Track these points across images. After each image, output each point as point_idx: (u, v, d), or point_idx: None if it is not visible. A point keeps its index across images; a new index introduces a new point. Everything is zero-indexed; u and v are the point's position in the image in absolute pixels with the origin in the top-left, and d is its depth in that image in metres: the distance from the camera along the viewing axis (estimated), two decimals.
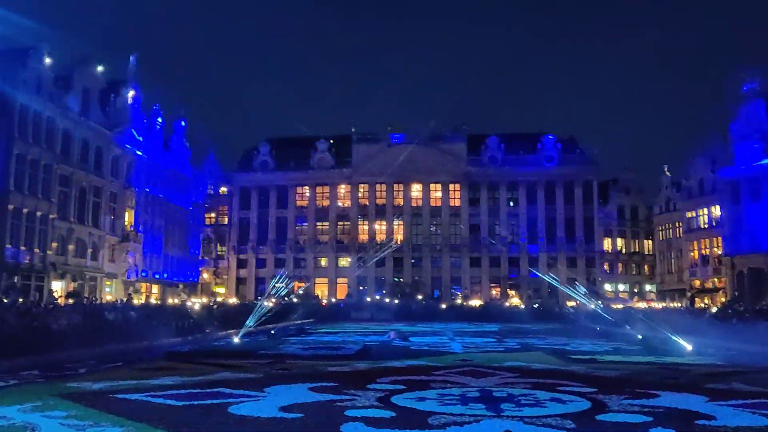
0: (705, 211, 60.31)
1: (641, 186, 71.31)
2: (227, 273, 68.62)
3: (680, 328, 20.07)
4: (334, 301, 58.29)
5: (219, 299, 52.12)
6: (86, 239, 46.23)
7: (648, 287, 69.22)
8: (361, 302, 54.98)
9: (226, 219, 70.92)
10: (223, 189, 72.55)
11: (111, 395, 9.94)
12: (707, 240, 60.03)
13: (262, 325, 26.44)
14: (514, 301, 56.57)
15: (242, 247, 67.77)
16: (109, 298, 42.88)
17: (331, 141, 68.66)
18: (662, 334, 20.23)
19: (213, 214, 72.39)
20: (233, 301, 50.18)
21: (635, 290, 68.69)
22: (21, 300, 28.23)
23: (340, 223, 67.73)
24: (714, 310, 34.89)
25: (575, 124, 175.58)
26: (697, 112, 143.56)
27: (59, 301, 33.82)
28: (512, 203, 66.39)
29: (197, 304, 34.97)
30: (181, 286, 59.66)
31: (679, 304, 49.15)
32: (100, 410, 8.59)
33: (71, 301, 34.71)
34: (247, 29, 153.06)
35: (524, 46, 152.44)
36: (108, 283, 49.05)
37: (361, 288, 64.06)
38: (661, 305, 49.29)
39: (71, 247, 44.40)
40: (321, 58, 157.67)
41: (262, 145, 69.82)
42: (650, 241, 69.96)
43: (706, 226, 60.20)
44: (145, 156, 54.35)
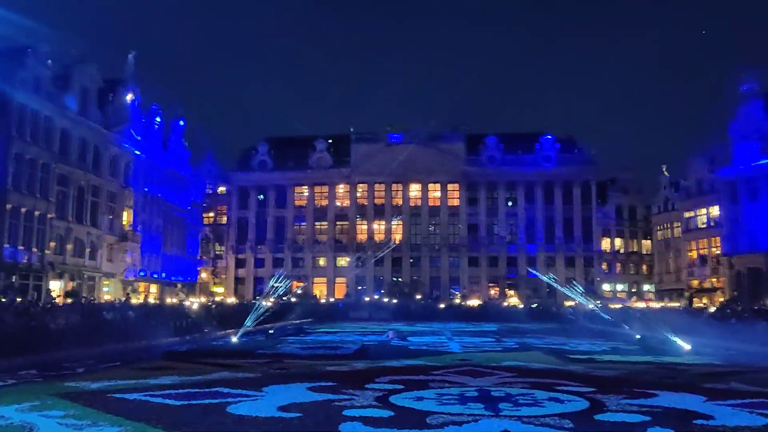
0: (703, 211, 60.41)
1: (640, 186, 71.51)
2: (225, 272, 68.60)
3: (678, 328, 20.04)
4: (333, 300, 58.29)
5: (217, 299, 52.14)
6: (84, 239, 46.19)
7: (646, 287, 69.31)
8: (360, 302, 54.95)
9: (225, 218, 70.94)
10: (222, 188, 72.61)
11: (109, 395, 9.92)
12: (705, 240, 60.14)
13: (261, 325, 26.39)
14: (513, 300, 56.57)
15: (240, 247, 67.76)
16: (107, 298, 42.88)
17: (330, 141, 68.66)
18: (660, 333, 20.20)
19: (211, 214, 72.41)
20: (231, 300, 50.18)
21: (633, 290, 68.77)
22: (19, 299, 28.19)
23: (338, 222, 67.73)
24: (712, 309, 34.90)
25: (574, 123, 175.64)
26: (696, 112, 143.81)
27: (57, 301, 33.80)
28: (511, 203, 66.44)
29: (195, 303, 34.93)
30: (180, 285, 59.64)
31: (678, 304, 49.18)
32: (98, 410, 8.57)
33: (69, 300, 34.73)
34: (246, 29, 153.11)
35: (524, 46, 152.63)
36: (106, 283, 49.00)
37: (360, 288, 64.07)
38: (659, 305, 49.25)
39: (69, 247, 44.36)
40: (320, 57, 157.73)
41: (260, 144, 69.82)
42: (648, 241, 70.04)
43: (704, 226, 60.30)
44: (144, 155, 54.31)
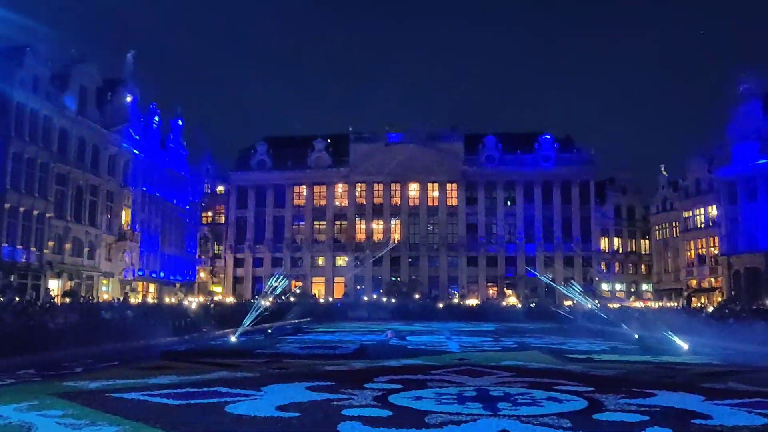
0: (702, 210, 60.47)
1: (638, 186, 71.54)
2: (224, 272, 68.54)
3: (677, 328, 20.07)
4: (332, 300, 58.35)
5: (216, 298, 52.16)
6: (83, 238, 46.14)
7: (645, 287, 69.36)
8: (358, 301, 54.98)
9: (223, 218, 70.89)
10: (220, 188, 72.60)
11: (107, 394, 9.93)
12: (704, 239, 60.21)
13: (259, 324, 26.40)
14: (511, 300, 56.57)
15: (239, 246, 67.71)
16: (105, 297, 42.87)
17: (329, 140, 68.63)
18: (659, 333, 20.24)
19: (210, 213, 72.38)
20: (230, 300, 50.19)
21: (632, 290, 68.81)
22: (17, 299, 28.21)
23: (337, 222, 67.70)
24: (710, 309, 34.99)
25: (573, 123, 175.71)
26: (695, 112, 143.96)
27: (56, 300, 33.80)
28: (509, 203, 66.42)
29: (194, 303, 34.95)
30: (178, 285, 59.61)
31: (676, 304, 49.35)
32: (97, 409, 8.58)
33: (68, 300, 34.70)
34: (246, 28, 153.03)
35: (523, 45, 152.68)
36: (105, 282, 48.93)
37: (358, 287, 64.05)
38: (657, 305, 49.40)
39: (68, 246, 44.31)
40: (319, 57, 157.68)
41: (259, 144, 69.77)
42: (647, 241, 70.07)
43: (702, 225, 60.37)
44: (142, 155, 54.26)
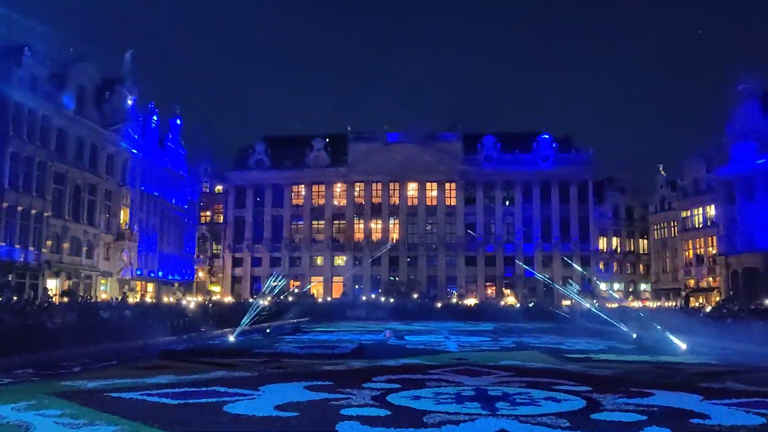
0: (700, 210, 60.55)
1: (637, 185, 71.55)
2: (222, 271, 68.50)
3: (675, 328, 20.08)
4: (330, 299, 58.35)
5: (214, 298, 52.12)
6: (81, 237, 46.11)
7: (643, 286, 69.44)
8: (357, 301, 54.96)
9: (222, 217, 70.81)
10: (219, 187, 72.50)
11: (106, 394, 9.92)
12: (702, 239, 60.30)
13: (258, 324, 26.39)
14: (510, 300, 56.58)
15: (237, 246, 67.68)
16: (104, 297, 42.79)
17: (327, 140, 68.59)
18: (657, 333, 20.26)
19: (208, 213, 72.32)
20: (228, 299, 50.18)
21: (630, 289, 68.86)
22: (15, 298, 28.17)
23: (335, 221, 67.69)
24: (708, 309, 35.01)
25: (571, 123, 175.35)
26: (693, 112, 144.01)
27: (54, 300, 33.80)
28: (508, 202, 66.45)
29: (192, 302, 34.92)
30: (177, 284, 59.58)
31: (674, 304, 49.35)
32: (95, 409, 8.57)
33: (66, 299, 34.68)
34: (244, 28, 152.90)
35: (522, 45, 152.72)
36: (103, 282, 48.91)
37: (357, 287, 64.04)
38: (655, 304, 49.46)
39: (66, 246, 44.27)
40: (318, 57, 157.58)
41: (257, 143, 69.74)
42: (645, 241, 70.14)
43: (700, 225, 60.45)
44: (141, 154, 54.20)
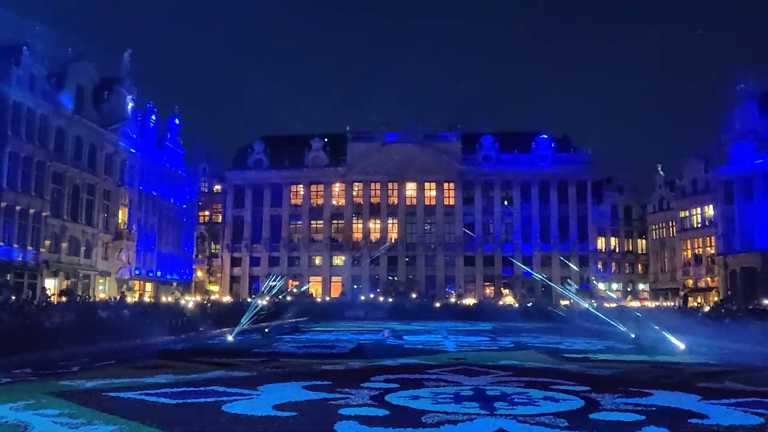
0: (698, 210, 60.58)
1: (635, 185, 71.60)
2: (221, 271, 68.43)
3: (673, 327, 20.10)
4: (329, 299, 58.32)
5: (213, 297, 52.15)
6: (79, 237, 46.09)
7: (641, 286, 69.45)
8: (355, 301, 54.95)
9: (220, 217, 70.74)
10: (217, 187, 72.43)
11: (104, 393, 9.92)
12: (700, 239, 60.33)
13: (256, 324, 26.40)
14: (508, 299, 56.58)
15: (236, 246, 67.59)
16: (102, 296, 42.80)
17: (326, 139, 68.51)
18: (655, 333, 20.26)
19: (207, 212, 72.29)
20: (227, 299, 50.19)
21: (629, 289, 68.88)
22: (14, 298, 28.14)
23: (334, 221, 67.65)
24: (707, 309, 35.03)
25: (570, 123, 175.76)
26: (692, 112, 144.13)
27: (52, 299, 33.77)
28: (506, 202, 66.43)
29: (191, 302, 34.94)
30: (175, 284, 59.56)
31: (672, 303, 49.38)
32: (93, 408, 8.57)
33: (64, 299, 34.69)
34: (243, 27, 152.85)
35: (521, 45, 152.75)
36: (101, 281, 48.90)
37: (356, 286, 64.01)
38: (654, 304, 49.45)
39: (64, 245, 44.24)
40: (317, 56, 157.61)
41: (256, 143, 69.67)
42: (644, 241, 70.17)
43: (699, 225, 60.48)
44: (139, 154, 54.20)
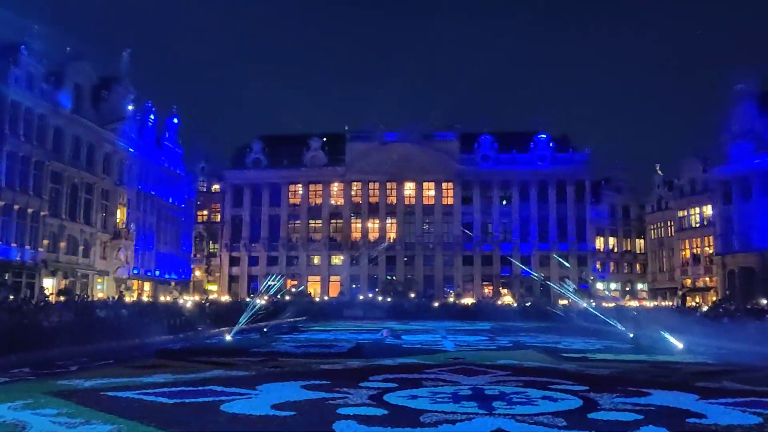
0: (696, 210, 60.62)
1: (633, 185, 71.57)
2: (219, 270, 68.39)
3: (671, 327, 20.12)
4: (327, 299, 58.29)
5: (211, 297, 52.07)
6: (78, 236, 46.04)
7: (640, 286, 69.48)
8: (354, 300, 54.93)
9: (219, 216, 70.69)
10: (216, 186, 72.38)
11: (102, 393, 9.91)
12: (699, 239, 60.37)
13: (255, 323, 26.38)
14: (507, 299, 56.60)
15: (234, 245, 67.55)
16: (100, 296, 42.73)
17: (325, 139, 68.46)
18: (653, 332, 20.28)
19: (205, 212, 72.26)
20: (225, 298, 50.17)
21: (627, 289, 68.93)
22: (12, 297, 28.11)
23: (332, 221, 67.63)
24: (705, 308, 35.07)
25: (568, 122, 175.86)
26: (690, 111, 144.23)
27: (50, 299, 33.71)
28: (505, 202, 66.44)
29: (189, 301, 34.98)
30: (173, 283, 59.52)
31: (671, 303, 49.41)
32: (91, 408, 8.56)
33: (62, 298, 34.67)
34: (241, 26, 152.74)
35: (520, 44, 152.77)
36: (99, 281, 48.85)
37: (354, 286, 63.99)
38: (652, 304, 49.48)
39: (63, 244, 44.19)
40: (316, 56, 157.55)
41: (254, 142, 69.62)
42: (642, 240, 70.21)
43: (697, 225, 60.53)
44: (137, 153, 54.15)
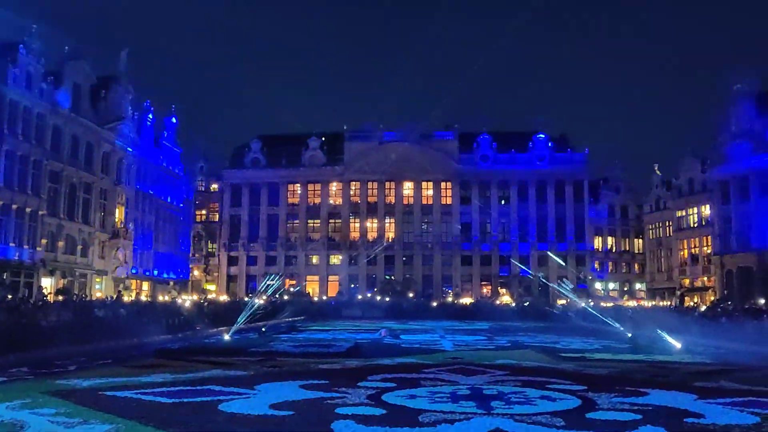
0: (695, 210, 60.69)
1: (632, 185, 71.69)
2: (218, 270, 68.36)
3: (669, 327, 20.13)
4: (325, 298, 58.29)
5: (209, 296, 52.02)
6: (76, 236, 45.99)
7: (638, 286, 69.55)
8: (352, 300, 54.94)
9: (217, 216, 70.69)
10: (214, 186, 72.40)
11: (100, 392, 9.91)
12: (697, 239, 60.42)
13: (253, 323, 26.35)
14: (505, 299, 56.64)
15: (233, 245, 67.53)
16: (99, 295, 42.69)
17: (323, 138, 68.43)
18: (652, 332, 20.30)
19: (204, 211, 72.25)
20: (224, 298, 50.12)
21: (625, 288, 69.02)
22: (10, 297, 28.09)
23: (331, 220, 67.63)
24: (703, 308, 35.09)
25: (567, 122, 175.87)
26: (689, 111, 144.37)
27: (49, 298, 33.68)
28: (503, 202, 66.46)
29: (188, 301, 34.95)
30: (172, 283, 59.46)
31: (669, 303, 49.41)
32: (90, 407, 8.55)
33: (61, 298, 34.63)
34: (240, 26, 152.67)
35: (519, 44, 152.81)
36: (98, 280, 48.80)
37: (353, 286, 63.99)
38: (650, 304, 49.53)
39: (61, 244, 44.15)
40: (314, 55, 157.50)
41: (253, 141, 69.60)
42: (640, 240, 70.29)
43: (695, 225, 60.59)
44: (136, 152, 54.10)
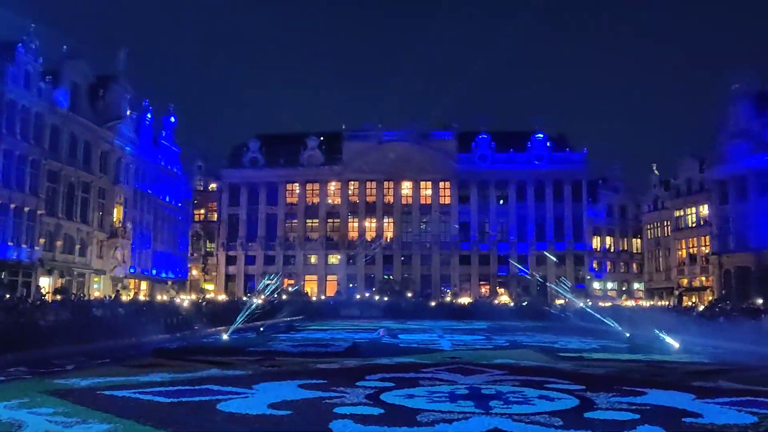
0: (693, 210, 60.77)
1: (630, 185, 71.89)
2: (216, 270, 68.35)
3: (668, 327, 20.15)
4: (324, 298, 58.31)
5: (208, 296, 52.02)
6: (74, 235, 45.96)
7: (636, 285, 69.66)
8: (351, 299, 54.97)
9: (216, 215, 70.65)
10: (213, 185, 72.30)
11: (99, 392, 9.90)
12: (695, 239, 60.51)
13: (251, 322, 26.37)
14: (503, 298, 56.72)
15: (231, 244, 67.54)
16: (97, 295, 42.65)
17: (322, 138, 68.43)
18: (650, 332, 20.32)
19: (202, 211, 72.16)
20: (222, 297, 50.13)
21: (624, 288, 69.13)
22: (8, 296, 28.06)
23: (329, 220, 67.62)
24: (701, 308, 35.10)
25: (565, 122, 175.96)
26: (687, 111, 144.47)
27: (47, 298, 33.62)
28: (502, 201, 66.48)
29: (186, 300, 34.91)
30: (170, 282, 59.42)
31: (667, 303, 49.52)
32: (88, 407, 8.54)
33: (59, 297, 34.55)
34: (239, 25, 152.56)
35: (518, 44, 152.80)
36: (96, 280, 48.76)
37: (351, 285, 64.03)
38: (649, 303, 49.65)
39: (59, 243, 44.12)
40: (313, 55, 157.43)
41: (252, 141, 69.59)
42: (639, 240, 70.39)
43: (694, 224, 60.68)
44: (134, 152, 54.06)
